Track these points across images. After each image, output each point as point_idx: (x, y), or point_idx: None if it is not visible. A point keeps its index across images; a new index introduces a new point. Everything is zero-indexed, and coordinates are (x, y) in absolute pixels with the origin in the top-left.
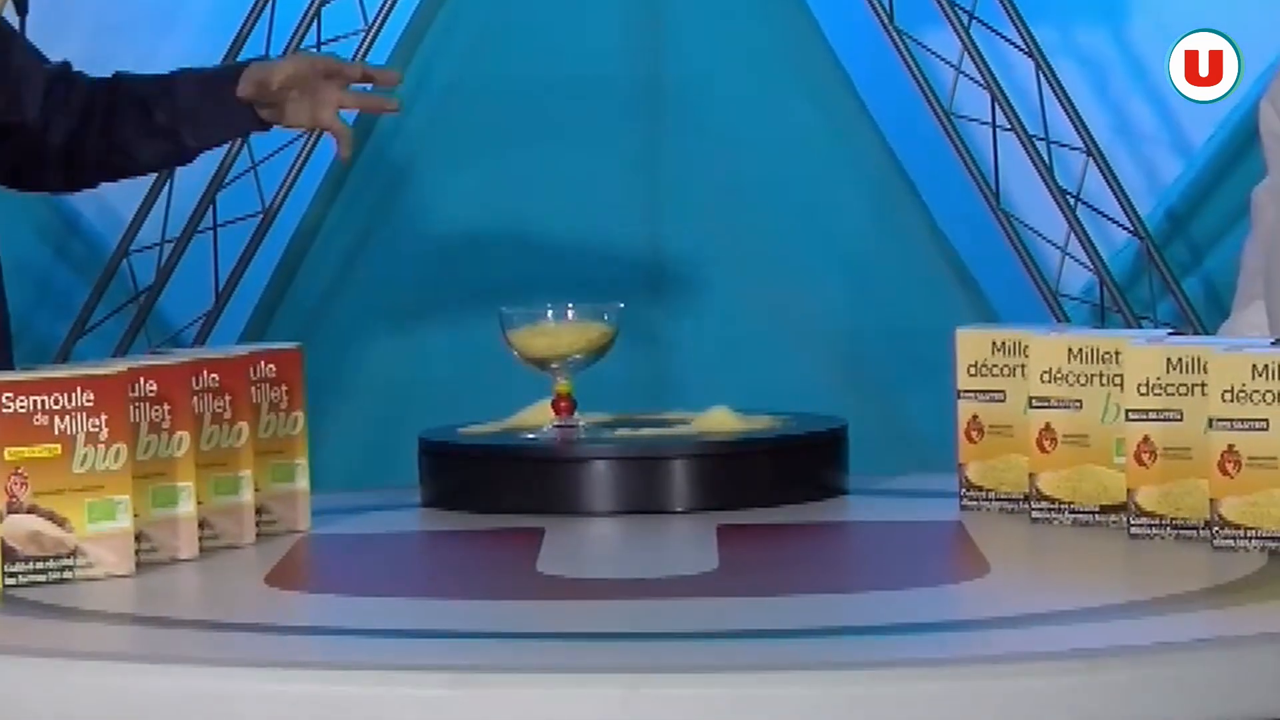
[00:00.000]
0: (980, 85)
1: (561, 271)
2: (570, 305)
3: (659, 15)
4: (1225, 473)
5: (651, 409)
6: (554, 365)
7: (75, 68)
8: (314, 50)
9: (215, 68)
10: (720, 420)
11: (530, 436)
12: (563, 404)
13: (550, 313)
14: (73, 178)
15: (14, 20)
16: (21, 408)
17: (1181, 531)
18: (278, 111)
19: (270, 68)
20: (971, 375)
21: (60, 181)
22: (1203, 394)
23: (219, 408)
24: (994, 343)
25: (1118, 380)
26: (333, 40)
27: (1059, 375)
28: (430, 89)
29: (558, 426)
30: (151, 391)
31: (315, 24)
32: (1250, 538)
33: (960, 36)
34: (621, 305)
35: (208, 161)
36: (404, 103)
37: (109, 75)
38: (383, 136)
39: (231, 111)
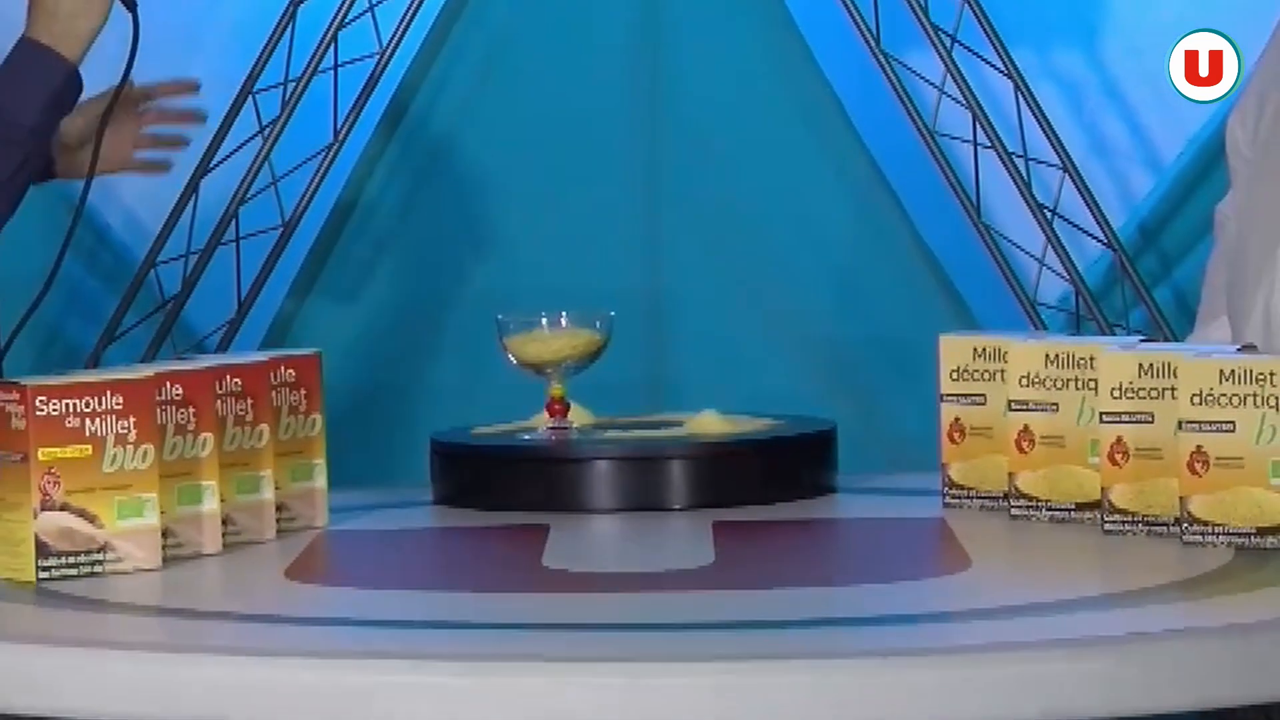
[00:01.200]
0: (962, 105)
1: (563, 280)
2: (563, 313)
3: (658, 40)
4: (1194, 472)
5: (645, 411)
6: (548, 370)
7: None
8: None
9: None
10: (709, 423)
11: (526, 438)
12: (556, 406)
13: (544, 320)
14: None
15: (127, 19)
16: (54, 410)
17: (1153, 528)
18: (72, 162)
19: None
20: (954, 379)
21: None
22: (1173, 397)
23: (241, 410)
24: (975, 349)
25: (1092, 385)
26: (349, 62)
27: (1037, 380)
28: (442, 113)
29: (551, 428)
30: (177, 395)
31: (333, 47)
32: (1218, 534)
33: (943, 59)
34: (612, 314)
35: (230, 177)
36: (415, 126)
37: None
38: (393, 156)
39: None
